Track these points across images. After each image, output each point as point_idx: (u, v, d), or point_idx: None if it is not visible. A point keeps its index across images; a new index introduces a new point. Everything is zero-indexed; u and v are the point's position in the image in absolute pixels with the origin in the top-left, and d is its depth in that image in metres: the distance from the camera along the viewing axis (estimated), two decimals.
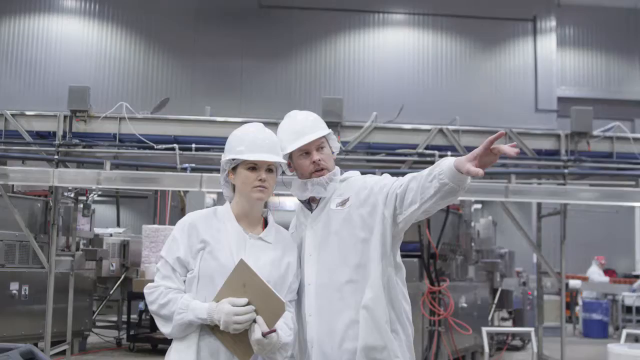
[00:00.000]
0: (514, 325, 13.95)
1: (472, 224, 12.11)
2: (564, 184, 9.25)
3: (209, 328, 2.96)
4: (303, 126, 3.34)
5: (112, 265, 12.14)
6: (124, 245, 12.60)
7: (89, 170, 8.92)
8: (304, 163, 3.33)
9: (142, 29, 19.18)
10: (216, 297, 2.94)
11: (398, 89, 18.47)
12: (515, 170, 9.29)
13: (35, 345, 10.33)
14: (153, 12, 19.21)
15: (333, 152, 3.44)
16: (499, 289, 13.18)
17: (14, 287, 9.46)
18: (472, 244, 11.73)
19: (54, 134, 9.09)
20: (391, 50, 19.58)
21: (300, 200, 3.47)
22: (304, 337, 3.27)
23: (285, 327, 3.01)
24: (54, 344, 9.63)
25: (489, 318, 12.54)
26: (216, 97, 17.77)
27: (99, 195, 16.17)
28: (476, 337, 10.14)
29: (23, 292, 9.62)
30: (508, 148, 2.81)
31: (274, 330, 2.87)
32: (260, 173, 3.11)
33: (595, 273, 17.27)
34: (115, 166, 9.12)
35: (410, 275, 9.32)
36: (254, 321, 2.89)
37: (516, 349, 13.17)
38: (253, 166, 3.11)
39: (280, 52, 19.26)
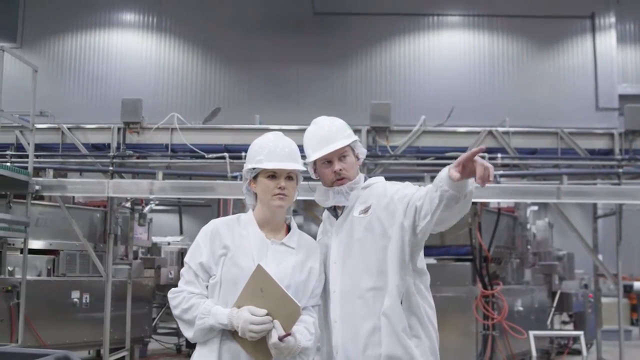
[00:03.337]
0: (575, 328, 13.66)
1: (528, 226, 11.92)
2: (618, 184, 9.05)
3: (230, 333, 3.01)
4: (327, 134, 3.35)
5: (170, 273, 12.31)
6: (182, 253, 12.77)
7: (142, 181, 9.14)
8: (326, 172, 3.36)
9: (199, 40, 19.46)
10: (236, 302, 3.00)
11: (454, 92, 18.23)
12: (567, 171, 9.13)
13: (98, 352, 10.63)
14: (210, 23, 19.45)
15: (359, 159, 3.45)
16: (558, 292, 12.92)
17: (75, 295, 9.72)
18: (528, 247, 11.55)
19: (109, 145, 9.35)
20: (446, 52, 19.40)
21: (326, 208, 3.51)
22: (330, 343, 3.32)
23: (305, 332, 3.05)
24: (114, 349, 9.89)
25: (548, 322, 12.31)
26: (272, 104, 17.91)
27: (159, 205, 16.47)
28: None
29: (84, 301, 9.87)
30: (481, 167, 2.76)
31: (290, 334, 2.92)
32: (280, 181, 3.15)
33: None
34: (178, 176, 9.32)
35: (463, 279, 9.31)
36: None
37: (578, 352, 12.89)
38: (272, 174, 3.16)
39: (336, 58, 19.27)
